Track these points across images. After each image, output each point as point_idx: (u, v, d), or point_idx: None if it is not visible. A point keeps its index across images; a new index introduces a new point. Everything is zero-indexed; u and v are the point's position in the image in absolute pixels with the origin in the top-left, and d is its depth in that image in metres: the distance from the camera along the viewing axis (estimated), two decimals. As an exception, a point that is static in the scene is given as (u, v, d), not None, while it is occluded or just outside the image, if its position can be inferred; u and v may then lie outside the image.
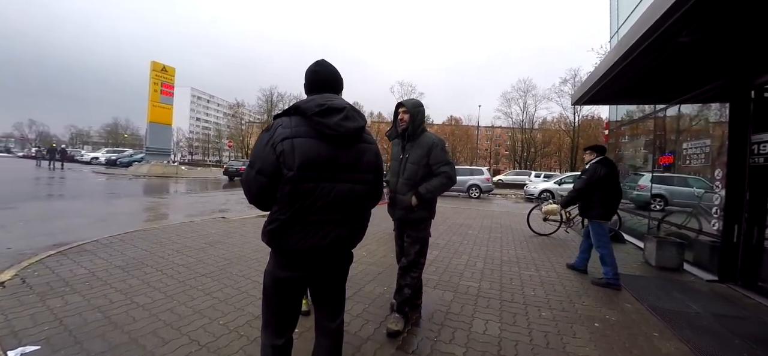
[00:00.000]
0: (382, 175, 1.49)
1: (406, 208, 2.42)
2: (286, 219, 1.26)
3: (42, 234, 5.03)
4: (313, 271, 1.37)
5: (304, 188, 1.24)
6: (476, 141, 46.52)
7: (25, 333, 2.26)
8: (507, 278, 3.71)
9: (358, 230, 1.45)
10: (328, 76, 1.44)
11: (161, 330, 2.35)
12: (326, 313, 1.47)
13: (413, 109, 2.42)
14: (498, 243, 5.54)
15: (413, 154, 2.43)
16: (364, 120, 1.39)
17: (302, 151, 1.23)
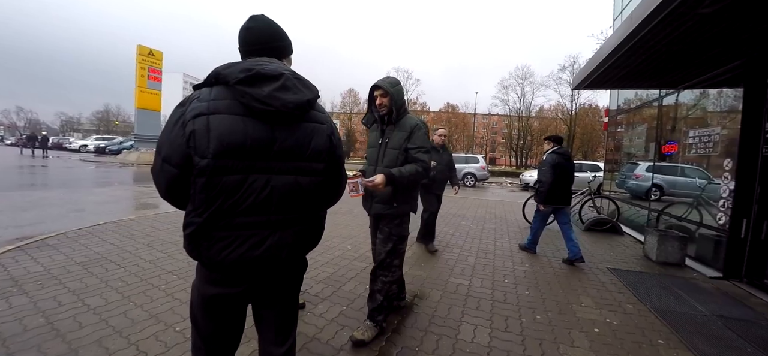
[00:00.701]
0: (339, 163, 1.18)
1: (384, 201, 2.13)
2: (203, 222, 0.96)
3: (10, 226, 4.70)
4: (252, 285, 1.07)
5: (224, 182, 0.94)
6: (473, 129, 46.09)
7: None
8: (500, 275, 3.47)
9: (308, 234, 1.13)
10: (265, 33, 1.12)
11: (107, 339, 2.07)
12: (270, 337, 1.17)
13: (392, 89, 2.10)
14: (492, 235, 5.30)
15: (394, 137, 2.14)
16: (312, 92, 1.07)
17: (220, 133, 0.92)
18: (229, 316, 1.09)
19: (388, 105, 2.12)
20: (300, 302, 2.56)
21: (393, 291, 2.19)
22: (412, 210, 2.26)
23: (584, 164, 14.54)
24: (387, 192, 2.08)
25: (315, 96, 1.09)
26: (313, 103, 1.08)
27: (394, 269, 2.18)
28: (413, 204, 2.26)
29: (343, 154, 1.21)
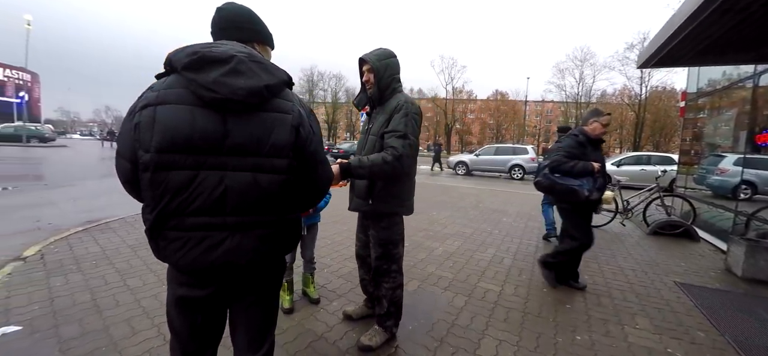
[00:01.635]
0: (311, 160, 1.00)
1: (361, 196, 1.88)
2: (153, 220, 0.89)
3: (83, 211, 5.38)
4: (222, 288, 1.00)
5: (170, 178, 0.86)
6: (524, 117, 43.10)
7: (16, 311, 2.26)
8: (538, 282, 3.10)
9: (274, 238, 1.00)
10: (233, 17, 1.02)
11: (135, 319, 2.22)
12: (243, 342, 1.09)
13: (378, 63, 1.79)
14: (534, 235, 4.83)
15: (377, 121, 1.84)
16: (274, 77, 0.94)
17: (165, 125, 0.84)
18: (202, 318, 1.02)
19: (373, 82, 1.82)
20: (315, 298, 2.54)
21: (398, 296, 2.01)
22: (403, 211, 1.93)
23: (653, 156, 12.71)
24: (363, 186, 1.85)
25: (278, 81, 0.95)
26: (275, 88, 0.94)
27: (394, 274, 1.95)
28: (398, 204, 1.89)
29: (319, 149, 1.04)
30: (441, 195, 8.38)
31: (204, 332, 1.05)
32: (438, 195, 8.35)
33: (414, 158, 1.84)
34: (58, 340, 1.96)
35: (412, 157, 1.79)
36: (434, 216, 5.87)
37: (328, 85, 51.80)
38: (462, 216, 5.98)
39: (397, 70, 1.88)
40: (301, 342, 2.03)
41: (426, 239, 4.39)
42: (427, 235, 4.57)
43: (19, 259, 3.11)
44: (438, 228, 4.97)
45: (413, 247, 4.00)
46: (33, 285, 2.63)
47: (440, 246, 4.09)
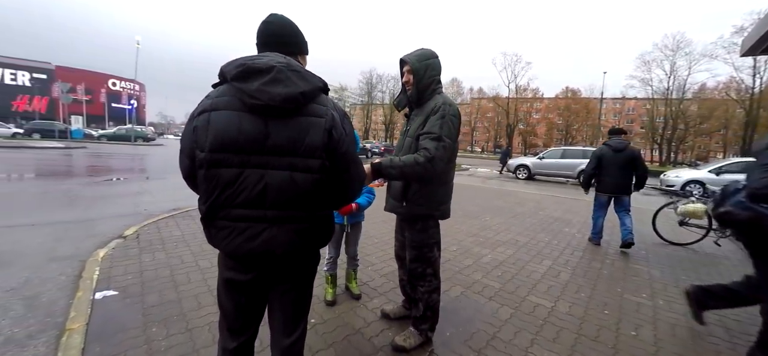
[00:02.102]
0: (343, 160, 1.07)
1: (396, 198, 1.87)
2: (206, 211, 1.04)
3: (171, 199, 6.27)
4: (262, 274, 1.10)
5: (220, 175, 0.98)
6: (599, 116, 38.59)
7: (115, 279, 2.74)
8: (599, 301, 2.77)
9: (308, 233, 1.09)
10: (277, 28, 1.12)
11: (202, 296, 2.52)
12: (278, 326, 1.19)
13: (418, 64, 1.77)
14: (602, 250, 4.31)
15: (414, 124, 1.82)
16: (310, 84, 1.02)
17: (217, 128, 0.97)
18: (245, 299, 1.14)
19: (413, 83, 1.81)
20: (356, 293, 2.61)
21: (434, 300, 1.96)
22: (437, 215, 1.88)
23: None
24: (398, 187, 1.84)
25: (313, 88, 1.03)
26: (310, 95, 1.02)
27: (429, 278, 1.92)
28: (433, 207, 1.84)
29: (351, 150, 1.10)
30: (496, 200, 7.96)
31: (246, 312, 1.16)
32: (493, 200, 7.95)
33: (449, 161, 1.78)
34: (142, 306, 2.34)
35: (446, 159, 1.74)
36: (487, 221, 5.60)
37: (386, 87, 52.72)
38: (518, 223, 5.61)
39: (438, 71, 1.85)
40: (338, 334, 2.11)
41: (475, 245, 4.22)
42: (477, 241, 4.39)
43: (121, 237, 3.76)
44: (489, 235, 4.74)
45: (460, 252, 3.87)
46: (129, 259, 3.16)
47: (490, 254, 3.90)
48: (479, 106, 62.53)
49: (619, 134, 4.50)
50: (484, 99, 60.73)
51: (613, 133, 4.54)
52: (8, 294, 2.47)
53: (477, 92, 63.77)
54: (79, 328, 2.03)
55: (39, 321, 2.15)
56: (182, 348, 1.89)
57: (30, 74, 41.97)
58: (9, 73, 41.24)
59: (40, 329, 2.07)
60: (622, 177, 4.31)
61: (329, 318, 2.30)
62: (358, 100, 56.92)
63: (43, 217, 4.53)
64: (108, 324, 2.10)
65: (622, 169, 4.29)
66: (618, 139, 4.40)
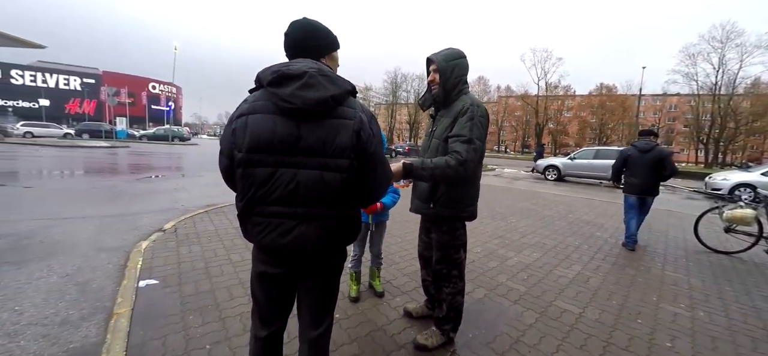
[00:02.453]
0: (370, 161, 1.11)
1: (422, 199, 1.87)
2: (243, 207, 1.11)
3: (205, 196, 6.63)
4: (293, 268, 1.17)
5: (256, 174, 1.05)
6: (637, 114, 36.29)
7: (156, 269, 2.95)
8: (632, 310, 2.64)
9: (337, 230, 1.14)
10: (300, 37, 1.16)
11: (234, 287, 2.67)
12: (306, 319, 1.25)
13: (445, 64, 1.75)
14: (637, 256, 4.09)
15: (441, 124, 1.81)
16: (339, 87, 1.07)
17: (254, 130, 1.04)
18: (276, 292, 1.21)
19: (439, 83, 1.79)
20: (380, 291, 2.65)
21: (458, 302, 1.96)
22: (465, 217, 1.88)
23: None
24: (425, 189, 1.84)
25: (343, 91, 1.08)
26: (340, 98, 1.07)
27: (454, 280, 1.93)
28: (460, 209, 1.84)
29: (378, 151, 1.14)
30: (524, 202, 7.74)
31: (277, 303, 1.24)
32: (520, 202, 7.73)
33: (479, 163, 1.77)
34: (180, 294, 2.50)
35: (478, 161, 1.73)
36: (513, 223, 5.47)
37: (411, 86, 52.51)
38: (546, 226, 5.43)
39: (465, 71, 1.83)
40: (361, 330, 2.16)
41: (500, 247, 4.14)
42: (502, 243, 4.30)
43: (161, 231, 4.03)
44: (515, 237, 4.62)
45: (485, 254, 3.82)
46: (168, 251, 3.39)
47: (515, 257, 3.81)
48: (507, 105, 60.77)
49: (649, 136, 4.51)
50: (511, 97, 59.01)
51: (643, 135, 4.54)
52: (64, 279, 2.73)
53: (504, 90, 62.08)
54: (124, 313, 2.21)
55: (90, 305, 2.37)
56: (216, 336, 2.02)
57: (80, 79, 45.69)
58: (62, 78, 45.13)
59: (91, 312, 2.28)
60: (648, 177, 4.33)
61: (353, 314, 2.36)
62: (382, 100, 57.05)
63: (92, 211, 4.95)
64: (150, 310, 2.27)
65: (649, 169, 4.30)
66: (646, 140, 4.43)
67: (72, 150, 16.45)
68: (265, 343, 1.26)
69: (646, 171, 4.31)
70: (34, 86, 43.41)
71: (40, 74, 43.93)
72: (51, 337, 1.98)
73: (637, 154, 4.39)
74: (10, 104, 41.12)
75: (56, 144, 19.34)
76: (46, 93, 43.03)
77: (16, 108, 40.58)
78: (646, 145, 4.35)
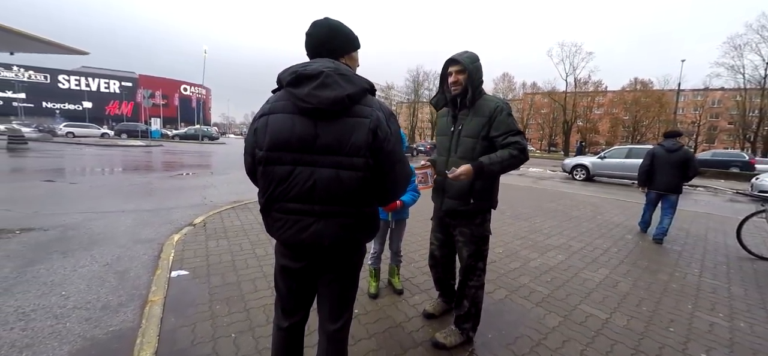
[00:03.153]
0: (387, 159, 1.11)
1: (459, 197, 1.89)
2: (264, 202, 1.15)
3: (232, 192, 6.90)
4: (312, 263, 1.20)
5: (276, 171, 1.09)
6: (675, 110, 34.09)
7: (187, 260, 3.12)
8: (664, 318, 2.50)
9: (353, 227, 1.15)
10: (321, 37, 1.18)
11: (258, 280, 2.77)
12: (325, 313, 1.29)
13: (471, 66, 1.81)
14: (673, 261, 3.86)
15: (469, 124, 1.86)
16: (355, 86, 1.08)
17: (273, 129, 1.07)
18: (297, 285, 1.26)
19: (463, 84, 1.84)
20: (399, 288, 2.67)
21: (479, 297, 1.96)
22: (492, 207, 1.97)
23: None
24: (463, 186, 1.85)
25: (359, 89, 1.09)
26: (356, 96, 1.07)
27: (479, 272, 1.96)
28: (493, 199, 1.95)
29: (397, 149, 1.14)
30: (549, 202, 7.49)
31: (298, 296, 1.28)
32: (546, 202, 7.49)
33: None
34: (208, 285, 2.64)
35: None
36: (537, 224, 5.31)
37: (433, 85, 51.95)
38: (572, 227, 5.23)
39: (482, 75, 1.88)
40: (380, 326, 2.19)
41: (523, 248, 4.03)
42: (525, 244, 4.19)
43: (191, 225, 4.25)
44: (539, 238, 4.49)
45: (507, 255, 3.74)
46: (197, 244, 3.56)
47: (538, 258, 3.71)
48: (532, 102, 58.80)
49: (675, 136, 4.76)
50: (538, 94, 57.02)
51: (669, 136, 4.78)
52: (104, 268, 2.94)
53: (530, 87, 60.07)
54: (158, 301, 2.35)
55: (127, 292, 2.54)
56: (241, 325, 2.11)
57: (119, 82, 48.81)
58: (103, 82, 48.41)
59: (128, 299, 2.44)
60: (672, 176, 4.57)
61: (372, 310, 2.39)
62: (404, 98, 56.86)
63: (129, 205, 5.29)
64: (181, 299, 2.41)
65: (673, 168, 4.54)
66: (672, 140, 4.67)
67: (112, 149, 17.61)
68: (287, 333, 1.31)
69: (671, 170, 4.55)
70: (78, 90, 46.87)
71: (84, 79, 47.36)
72: (93, 320, 2.15)
73: (663, 153, 4.62)
74: (58, 107, 44.62)
75: (97, 143, 20.77)
76: (88, 96, 46.28)
77: (63, 110, 43.95)
78: (674, 145, 4.59)
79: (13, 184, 6.78)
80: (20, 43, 14.94)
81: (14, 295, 2.40)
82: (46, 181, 7.08)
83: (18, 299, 2.36)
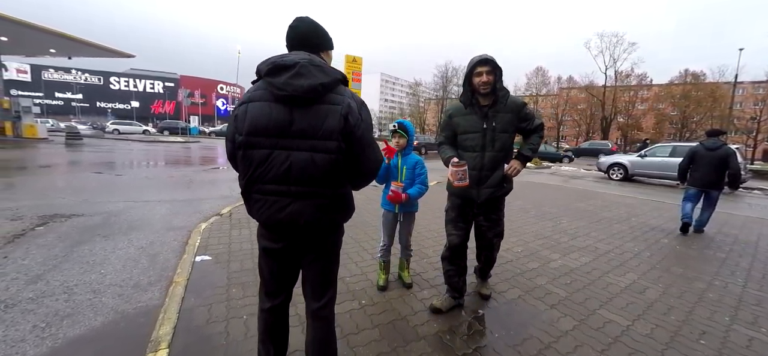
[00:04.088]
0: (358, 143, 1.19)
1: (496, 185, 2.17)
2: (244, 185, 1.23)
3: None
4: (291, 244, 1.27)
5: (254, 155, 1.16)
6: (731, 104, 30.90)
7: (211, 247, 3.32)
8: (696, 329, 2.30)
9: (328, 208, 1.23)
10: (301, 32, 1.26)
11: (273, 270, 2.89)
12: (308, 291, 1.36)
13: (499, 68, 2.03)
14: (712, 269, 3.54)
15: (501, 120, 2.10)
16: (329, 76, 1.15)
17: (252, 116, 1.15)
18: (278, 266, 1.33)
19: (493, 84, 2.01)
20: (408, 282, 2.68)
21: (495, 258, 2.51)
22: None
23: None
24: (498, 176, 2.16)
25: (332, 79, 1.16)
26: (329, 85, 1.15)
27: (498, 246, 2.45)
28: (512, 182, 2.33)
29: (367, 135, 1.21)
30: (578, 202, 7.12)
31: (280, 276, 1.36)
32: (574, 201, 7.13)
33: None
34: (227, 271, 2.79)
35: None
36: (563, 224, 5.08)
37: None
38: (601, 229, 4.94)
39: None
40: (385, 318, 2.21)
41: (543, 248, 3.88)
42: (547, 244, 4.03)
43: (218, 215, 4.50)
44: (563, 239, 4.29)
45: (525, 254, 3.62)
46: (222, 233, 3.77)
47: (560, 259, 3.55)
48: (568, 97, 55.77)
49: (718, 135, 4.87)
50: (574, 89, 54.02)
51: (711, 134, 4.91)
52: (139, 251, 3.20)
53: (566, 81, 57.01)
54: (181, 282, 2.53)
55: (156, 273, 2.75)
56: (253, 308, 2.22)
57: (162, 83, 52.36)
58: (148, 83, 52.18)
59: (156, 279, 2.65)
60: (712, 173, 4.70)
61: (378, 302, 2.42)
62: (432, 95, 56.11)
63: (166, 196, 5.69)
64: (202, 281, 2.58)
65: (713, 166, 4.67)
66: (714, 139, 4.79)
67: (155, 144, 18.97)
68: (270, 314, 1.39)
69: (711, 167, 4.68)
70: (127, 90, 50.93)
71: (132, 80, 51.35)
72: (125, 296, 2.36)
73: (703, 151, 4.76)
74: (110, 106, 48.78)
75: (142, 139, 22.47)
76: (136, 96, 50.09)
77: (114, 109, 47.95)
78: (714, 144, 4.72)
79: (68, 175, 7.52)
80: (77, 48, 16.49)
81: (62, 271, 2.69)
82: (96, 173, 7.79)
83: (64, 274, 2.64)
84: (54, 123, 31.34)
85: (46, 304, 2.21)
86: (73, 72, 47.09)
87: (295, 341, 1.73)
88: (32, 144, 14.72)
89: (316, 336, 1.35)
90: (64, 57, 18.68)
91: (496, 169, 2.13)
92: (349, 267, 2.98)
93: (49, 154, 11.30)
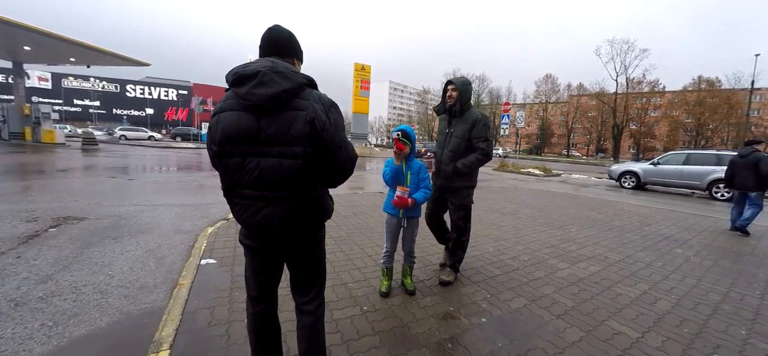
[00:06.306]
0: (326, 147, 1.20)
1: (447, 178, 2.76)
2: (225, 190, 1.27)
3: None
4: (268, 244, 1.29)
5: (229, 163, 1.20)
6: (747, 112, 30.06)
7: (216, 250, 3.35)
8: (710, 342, 2.21)
9: (298, 211, 1.24)
10: (274, 39, 1.29)
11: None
12: (295, 290, 1.41)
13: (462, 87, 2.66)
14: (727, 281, 3.41)
15: (458, 128, 2.70)
16: (291, 82, 1.16)
17: (223, 126, 1.19)
18: (260, 263, 1.36)
19: (456, 99, 2.67)
20: (411, 290, 2.65)
21: (466, 245, 2.94)
22: (473, 185, 2.86)
23: None
24: (449, 171, 2.73)
25: (295, 85, 1.17)
26: (292, 91, 1.16)
27: (467, 230, 2.88)
28: (474, 180, 2.85)
29: (336, 137, 1.22)
30: (589, 211, 6.96)
31: (262, 273, 1.39)
32: (585, 211, 6.97)
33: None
34: (231, 274, 2.81)
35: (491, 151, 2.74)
36: (572, 233, 4.97)
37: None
38: (612, 238, 4.82)
39: (470, 94, 2.76)
40: (386, 324, 2.19)
41: (551, 257, 3.80)
42: (554, 253, 3.95)
43: (225, 219, 4.55)
44: (572, 248, 4.20)
45: (532, 263, 3.55)
46: (228, 237, 3.81)
47: (567, 268, 3.47)
48: (578, 104, 55.13)
49: (753, 144, 5.57)
50: (584, 96, 53.40)
51: (747, 144, 5.68)
52: (147, 253, 3.25)
53: (576, 88, 56.41)
54: (186, 284, 2.56)
55: (162, 275, 2.79)
56: (254, 313, 2.22)
57: (176, 91, 53.66)
58: (163, 90, 53.54)
59: (162, 281, 2.68)
60: (746, 177, 5.48)
61: (380, 308, 2.40)
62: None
63: (176, 200, 5.79)
64: (206, 284, 2.60)
65: (746, 171, 5.45)
66: (748, 148, 5.56)
67: (167, 150, 19.38)
68: (255, 319, 1.42)
69: (744, 172, 5.45)
70: (142, 98, 52.32)
71: (147, 88, 52.76)
72: (131, 297, 2.39)
73: (738, 160, 5.59)
74: (125, 113, 50.20)
75: (155, 145, 22.98)
76: (150, 103, 51.40)
77: (130, 116, 49.32)
78: (746, 151, 5.52)
79: (83, 179, 7.73)
80: (95, 56, 17.05)
81: (71, 272, 2.75)
82: (109, 178, 7.99)
83: (74, 275, 2.69)
84: (71, 129, 32.39)
85: (55, 304, 2.26)
86: (91, 80, 48.68)
87: (291, 346, 1.72)
88: (50, 149, 15.21)
89: (303, 329, 1.38)
90: (84, 65, 19.32)
91: (448, 165, 2.72)
92: (352, 273, 2.97)
93: (65, 159, 11.65)
